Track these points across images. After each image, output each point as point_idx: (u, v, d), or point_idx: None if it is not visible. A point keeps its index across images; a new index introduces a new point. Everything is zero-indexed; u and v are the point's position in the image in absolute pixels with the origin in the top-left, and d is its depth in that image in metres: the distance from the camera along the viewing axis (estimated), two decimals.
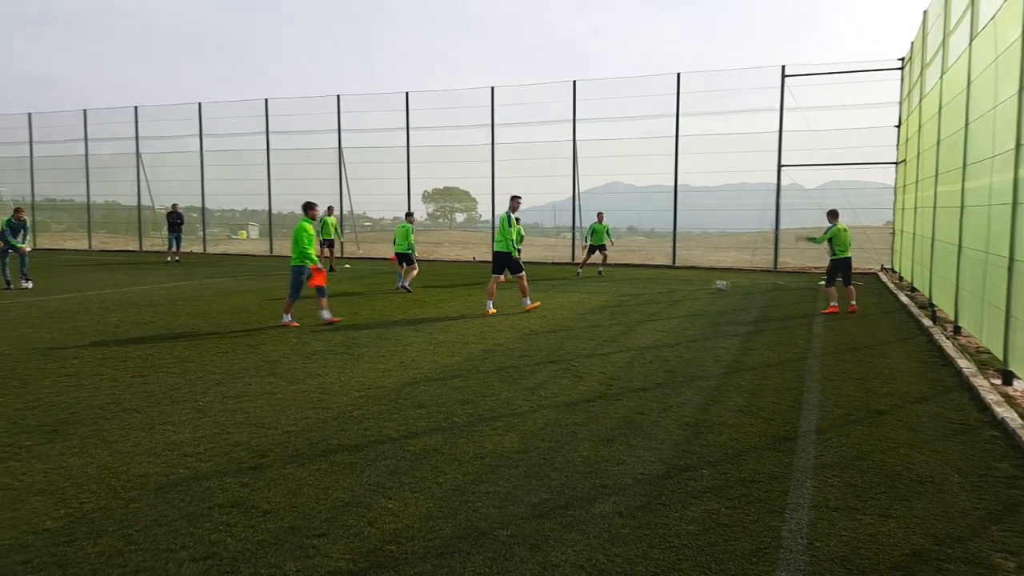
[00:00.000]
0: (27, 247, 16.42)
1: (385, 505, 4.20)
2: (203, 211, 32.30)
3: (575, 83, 25.03)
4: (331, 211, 21.34)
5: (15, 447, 5.20)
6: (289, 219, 35.04)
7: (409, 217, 16.60)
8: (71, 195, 35.30)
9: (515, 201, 12.47)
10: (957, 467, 4.89)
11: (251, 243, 36.31)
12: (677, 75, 23.43)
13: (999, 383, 7.16)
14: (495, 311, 12.10)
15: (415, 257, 15.95)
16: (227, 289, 16.01)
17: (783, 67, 22.27)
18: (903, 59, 20.89)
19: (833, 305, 12.58)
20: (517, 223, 17.21)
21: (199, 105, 30.62)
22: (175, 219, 24.60)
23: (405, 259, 15.80)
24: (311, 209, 11.01)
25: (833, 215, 12.92)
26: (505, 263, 12.30)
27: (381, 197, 29.71)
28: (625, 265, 23.72)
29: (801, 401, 6.58)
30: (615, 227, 22.44)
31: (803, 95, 22.46)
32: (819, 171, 22.90)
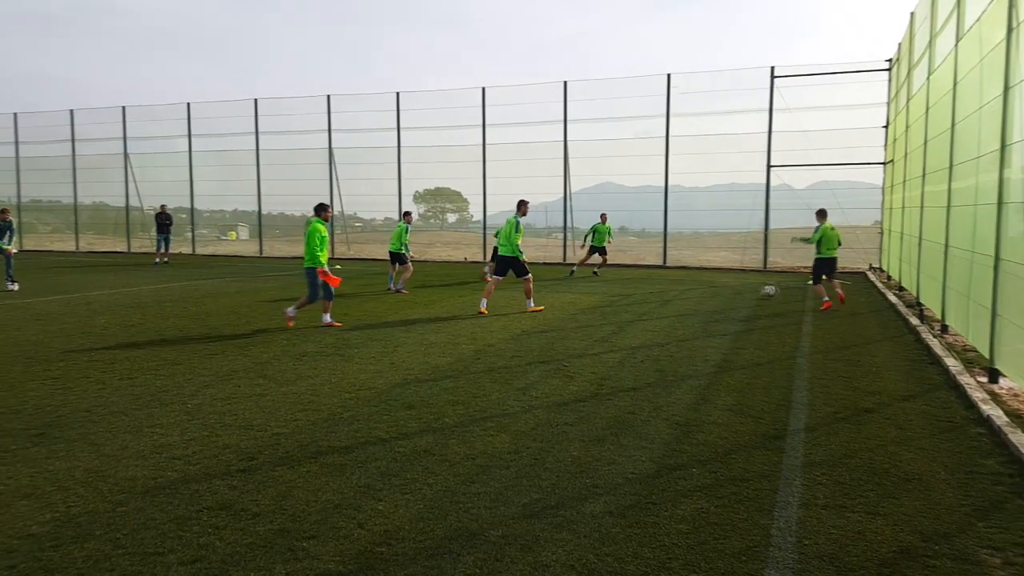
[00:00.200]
0: (13, 248, 16.31)
1: (375, 507, 4.19)
2: (192, 212, 32.12)
3: (566, 83, 25.07)
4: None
5: (0, 451, 5.16)
6: (279, 220, 34.92)
7: (406, 217, 16.31)
8: (58, 196, 35.07)
9: (525, 206, 12.57)
10: (944, 464, 4.92)
11: (241, 244, 36.14)
12: (667, 76, 23.50)
13: (985, 381, 7.22)
14: (486, 312, 12.10)
15: (409, 257, 15.75)
16: (216, 290, 15.93)
17: (772, 68, 22.39)
18: (891, 60, 21.03)
19: (826, 300, 12.74)
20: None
21: (188, 105, 30.48)
22: (164, 220, 24.48)
23: (398, 259, 15.69)
24: (324, 210, 10.83)
25: (821, 215, 13.12)
26: (510, 267, 12.37)
27: (372, 198, 29.70)
28: (616, 265, 23.73)
29: (790, 400, 6.61)
30: (610, 227, 22.44)
31: (792, 96, 22.61)
32: (808, 171, 23.08)
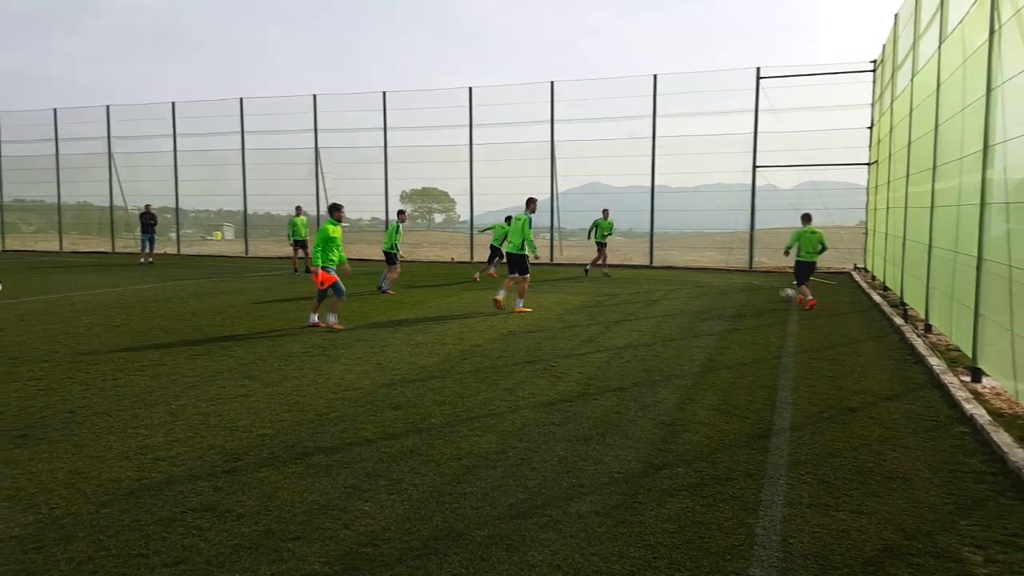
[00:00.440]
0: None
1: (361, 507, 4.18)
2: (177, 212, 31.89)
3: (552, 84, 25.08)
4: (299, 211, 21.12)
5: None
6: (265, 220, 34.70)
7: (400, 215, 16.12)
8: (41, 196, 34.70)
9: (534, 204, 12.80)
10: (927, 463, 4.97)
11: (226, 244, 35.93)
12: (654, 76, 23.57)
13: (968, 380, 7.29)
14: (530, 309, 12.65)
15: (399, 258, 15.52)
16: (201, 291, 15.83)
17: (758, 69, 22.50)
18: (875, 61, 21.21)
19: (811, 299, 12.91)
20: (507, 224, 17.48)
21: (172, 104, 30.24)
22: (148, 220, 24.30)
23: (387, 258, 15.56)
24: (337, 211, 10.61)
25: (803, 219, 13.31)
26: (516, 264, 12.63)
27: (358, 198, 29.57)
28: (602, 265, 23.73)
29: (775, 399, 6.64)
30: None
31: (777, 97, 22.73)
32: (794, 172, 23.19)
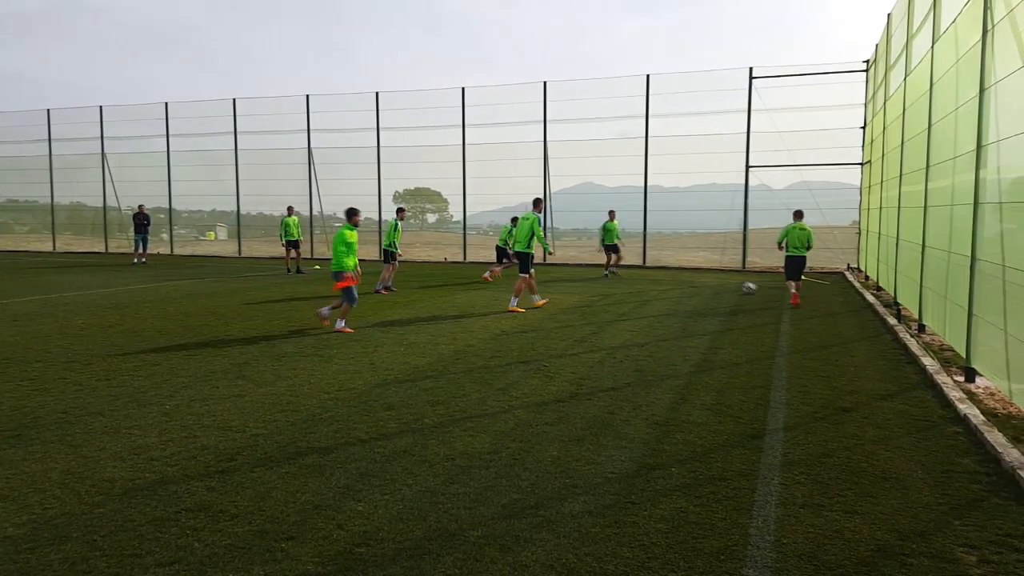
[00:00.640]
0: None
1: (355, 507, 4.17)
2: (170, 212, 31.79)
3: (545, 84, 25.11)
4: (291, 211, 21.07)
5: None
6: (258, 220, 34.64)
7: (399, 213, 16.10)
8: (35, 196, 34.58)
9: (541, 204, 12.95)
10: (921, 463, 4.98)
11: (220, 244, 35.85)
12: (647, 76, 23.61)
13: (962, 380, 7.31)
14: (546, 301, 13.42)
15: (397, 256, 15.48)
16: (195, 291, 15.78)
17: (751, 69, 22.56)
18: (868, 61, 21.26)
19: (794, 292, 13.37)
20: (513, 224, 17.65)
21: (166, 105, 30.18)
22: (141, 220, 24.25)
23: (386, 256, 15.54)
24: (354, 215, 10.46)
25: (795, 215, 13.60)
26: (522, 263, 12.81)
27: (351, 198, 29.54)
28: (597, 265, 23.77)
29: (768, 399, 6.66)
30: (590, 228, 22.48)
31: (770, 97, 22.81)
32: (787, 172, 23.27)
